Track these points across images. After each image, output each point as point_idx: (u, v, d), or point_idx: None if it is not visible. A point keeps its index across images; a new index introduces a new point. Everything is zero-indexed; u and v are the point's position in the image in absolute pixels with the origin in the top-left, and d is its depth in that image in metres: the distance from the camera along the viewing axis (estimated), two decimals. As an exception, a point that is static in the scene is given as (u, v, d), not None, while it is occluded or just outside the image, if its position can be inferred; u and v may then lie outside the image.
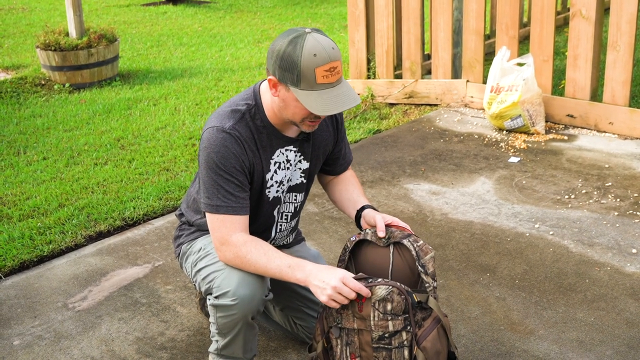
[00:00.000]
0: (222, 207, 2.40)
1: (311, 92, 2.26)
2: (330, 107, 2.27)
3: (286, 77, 2.27)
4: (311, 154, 2.62)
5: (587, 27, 5.04)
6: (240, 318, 2.42)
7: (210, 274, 2.49)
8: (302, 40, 2.23)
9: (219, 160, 2.37)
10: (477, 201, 4.21)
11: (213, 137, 2.39)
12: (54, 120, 5.97)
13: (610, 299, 3.22)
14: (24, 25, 10.28)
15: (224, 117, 2.42)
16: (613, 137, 5.04)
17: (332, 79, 2.26)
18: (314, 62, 2.22)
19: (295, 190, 2.65)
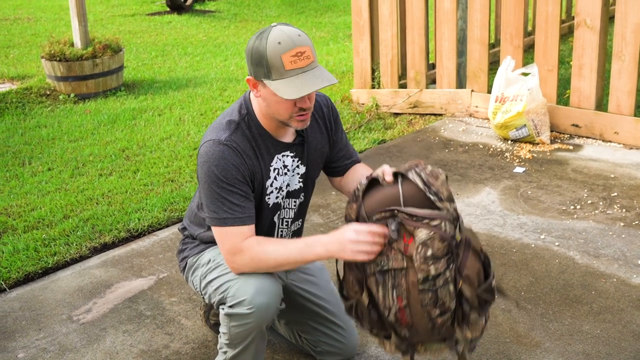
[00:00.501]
0: (229, 219, 2.39)
1: (282, 80, 2.28)
2: (301, 89, 2.27)
3: (259, 72, 2.31)
4: (307, 158, 2.61)
5: (592, 37, 5.03)
6: (255, 327, 2.42)
7: (223, 284, 2.49)
8: (267, 33, 2.29)
9: (220, 173, 2.37)
10: (482, 212, 4.20)
11: (211, 151, 2.39)
12: (59, 130, 5.98)
13: (617, 311, 3.20)
14: (29, 36, 10.31)
15: (220, 130, 2.43)
16: (618, 147, 5.03)
17: (300, 63, 2.28)
18: (279, 49, 2.26)
19: (294, 195, 2.64)
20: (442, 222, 2.22)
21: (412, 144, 5.33)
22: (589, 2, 4.99)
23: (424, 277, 2.22)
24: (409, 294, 2.26)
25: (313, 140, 2.61)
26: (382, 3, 6.01)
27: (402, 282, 2.27)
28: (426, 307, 2.26)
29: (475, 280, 2.27)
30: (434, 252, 2.20)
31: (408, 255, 2.25)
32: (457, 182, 4.61)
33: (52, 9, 12.54)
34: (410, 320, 2.30)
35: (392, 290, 2.29)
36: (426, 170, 2.29)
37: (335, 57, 8.32)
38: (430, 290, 2.23)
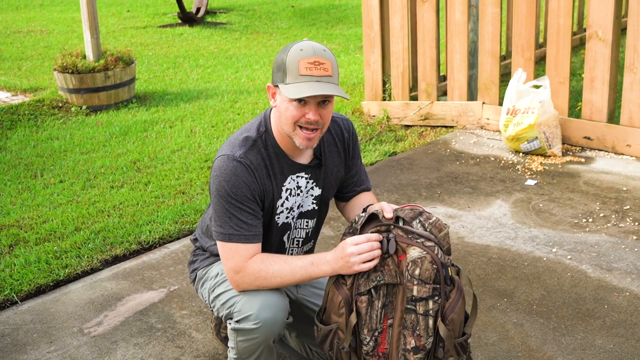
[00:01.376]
0: (234, 236, 2.40)
1: (295, 84, 2.29)
2: (306, 90, 2.27)
3: (277, 77, 2.34)
4: (323, 180, 2.62)
5: (604, 49, 5.02)
6: (262, 342, 2.41)
7: (230, 299, 2.49)
8: (293, 44, 2.33)
9: (231, 189, 2.38)
10: (493, 225, 4.18)
11: (224, 166, 2.40)
12: (71, 142, 6.01)
13: (630, 325, 3.18)
14: (42, 48, 10.37)
15: (236, 145, 2.43)
16: (631, 159, 5.00)
17: (315, 72, 2.29)
18: (299, 55, 2.29)
19: (306, 216, 2.64)
20: (437, 247, 2.24)
21: (423, 156, 5.32)
22: (600, 14, 4.98)
23: (410, 296, 2.24)
24: (396, 312, 2.30)
25: (330, 163, 2.62)
26: (393, 15, 6.02)
27: (393, 299, 2.31)
28: (405, 330, 2.28)
29: (457, 329, 2.29)
30: (421, 272, 2.22)
31: (400, 270, 2.27)
32: (469, 195, 4.60)
33: (65, 22, 12.62)
34: (387, 349, 2.32)
35: (381, 309, 2.32)
36: (430, 220, 2.32)
37: (347, 69, 8.33)
38: (413, 312, 2.25)
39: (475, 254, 3.86)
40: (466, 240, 4.02)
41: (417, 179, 4.89)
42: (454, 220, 4.26)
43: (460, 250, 3.91)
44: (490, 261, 3.78)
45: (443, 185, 4.78)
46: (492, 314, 3.31)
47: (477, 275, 3.65)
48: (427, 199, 4.58)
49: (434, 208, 4.44)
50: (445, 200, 4.55)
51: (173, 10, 13.04)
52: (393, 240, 2.28)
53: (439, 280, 2.24)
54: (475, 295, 2.41)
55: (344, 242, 2.32)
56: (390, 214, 2.34)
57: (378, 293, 2.32)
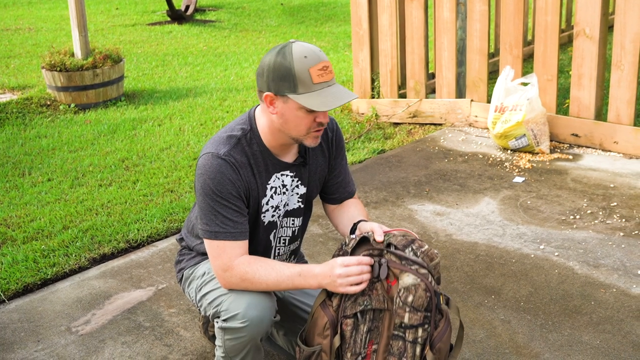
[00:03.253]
0: (220, 234, 2.40)
1: (310, 93, 2.29)
2: (332, 101, 2.30)
3: (282, 86, 2.30)
4: (308, 179, 2.62)
5: (591, 46, 5.04)
6: (249, 340, 2.41)
7: (217, 298, 2.49)
8: (289, 49, 2.30)
9: (215, 187, 2.38)
10: (481, 222, 4.19)
11: (208, 164, 2.39)
12: (59, 141, 5.99)
13: (616, 321, 3.19)
14: (30, 46, 10.33)
15: (220, 143, 2.43)
16: (618, 156, 5.03)
17: (327, 77, 2.31)
18: (307, 63, 2.27)
19: (292, 215, 2.65)
20: (430, 274, 2.26)
21: (412, 154, 5.33)
22: (588, 12, 5.00)
23: (399, 323, 2.25)
24: (382, 338, 2.30)
25: (314, 162, 2.62)
26: (382, 13, 6.02)
27: (379, 325, 2.31)
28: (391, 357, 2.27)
29: (443, 358, 2.29)
30: (414, 300, 2.22)
31: (390, 296, 2.27)
32: (457, 192, 4.61)
33: (53, 20, 12.57)
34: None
35: (366, 334, 2.32)
36: (422, 249, 2.31)
37: (335, 66, 8.33)
38: (401, 339, 2.26)
39: (463, 251, 3.87)
40: (454, 238, 4.03)
41: (405, 177, 4.89)
42: (442, 218, 4.27)
43: (448, 247, 3.92)
44: (478, 258, 3.79)
45: (431, 182, 4.79)
46: (480, 311, 3.32)
47: (465, 273, 3.66)
48: (415, 196, 4.59)
49: (422, 205, 4.45)
50: (434, 197, 4.56)
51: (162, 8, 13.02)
52: (385, 265, 2.29)
53: (431, 309, 2.25)
54: (462, 325, 2.44)
55: (334, 261, 2.31)
56: (381, 237, 2.33)
57: (364, 317, 2.32)
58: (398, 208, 4.43)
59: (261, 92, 2.38)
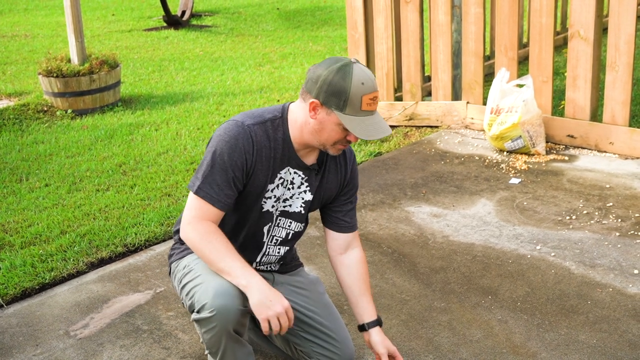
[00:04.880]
0: (202, 191, 2.47)
1: (354, 117, 2.39)
2: (372, 132, 2.41)
3: (332, 101, 2.39)
4: (317, 188, 2.67)
5: (586, 48, 5.06)
6: (221, 330, 2.44)
7: (191, 289, 2.54)
8: (350, 69, 2.38)
9: (225, 151, 2.45)
10: (478, 223, 4.21)
11: (229, 128, 2.48)
12: (56, 146, 6.00)
13: (613, 320, 3.21)
14: (26, 52, 10.34)
15: (248, 116, 2.52)
16: (614, 157, 5.04)
17: (373, 107, 2.42)
18: (362, 89, 2.37)
19: (292, 217, 2.68)
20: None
21: (408, 156, 5.34)
22: (582, 14, 5.02)
23: None
24: None
25: (327, 176, 2.68)
26: (377, 16, 6.04)
27: None
28: None
29: None
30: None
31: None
32: (453, 194, 4.62)
33: (49, 26, 12.59)
34: None
35: None
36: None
37: (332, 70, 8.34)
38: None
39: (460, 253, 3.88)
40: (451, 239, 4.04)
41: (402, 179, 4.91)
42: (439, 219, 4.28)
43: (445, 248, 3.94)
44: (475, 259, 3.80)
45: (428, 184, 4.81)
46: (477, 311, 3.33)
47: (462, 274, 3.67)
48: (412, 198, 4.60)
49: (419, 207, 4.46)
50: (430, 199, 4.58)
51: (158, 14, 13.03)
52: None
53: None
54: None
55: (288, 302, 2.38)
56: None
57: None
58: (395, 210, 4.44)
59: (308, 94, 2.44)
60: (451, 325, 3.24)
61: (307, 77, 2.46)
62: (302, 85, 2.49)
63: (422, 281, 3.62)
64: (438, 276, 3.66)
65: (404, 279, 3.65)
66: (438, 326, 3.24)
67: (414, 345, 3.11)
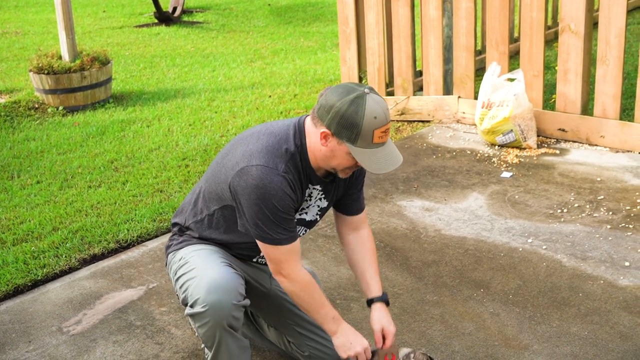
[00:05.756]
0: (284, 239, 2.48)
1: (365, 150, 2.38)
2: (383, 166, 2.42)
3: (343, 133, 2.37)
4: (332, 194, 2.70)
5: (577, 42, 5.07)
6: (215, 325, 2.45)
7: (185, 283, 2.55)
8: (362, 102, 2.35)
9: (278, 203, 2.43)
10: (470, 217, 4.22)
11: (268, 179, 2.42)
12: (47, 143, 5.98)
13: (604, 312, 3.22)
14: (17, 49, 10.30)
15: (276, 156, 2.46)
16: (604, 150, 5.06)
17: (384, 139, 2.41)
18: (374, 124, 2.35)
19: (308, 226, 2.73)
20: None
21: (400, 151, 5.30)
22: (573, 8, 5.03)
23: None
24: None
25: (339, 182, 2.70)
26: (369, 12, 6.04)
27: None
28: None
29: None
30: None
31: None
32: (445, 188, 4.63)
33: (40, 23, 12.54)
34: None
35: None
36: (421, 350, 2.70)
37: (323, 66, 8.35)
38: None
39: (452, 246, 3.90)
40: (443, 233, 4.05)
41: (394, 173, 4.92)
42: (430, 213, 4.29)
43: (437, 242, 3.95)
44: (467, 253, 3.82)
45: (420, 178, 4.82)
46: (469, 305, 3.34)
47: (454, 267, 3.68)
48: (404, 192, 4.61)
49: (411, 201, 4.47)
50: (422, 193, 4.59)
51: (149, 10, 12.99)
52: None
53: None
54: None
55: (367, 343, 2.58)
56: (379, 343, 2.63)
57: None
58: (387, 204, 4.45)
59: (320, 122, 2.41)
60: (443, 318, 3.26)
61: (319, 102, 2.43)
62: (314, 107, 2.46)
63: (415, 275, 3.63)
64: (430, 270, 3.67)
65: (397, 273, 3.66)
66: (430, 319, 3.25)
67: (406, 338, 3.12)
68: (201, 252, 2.63)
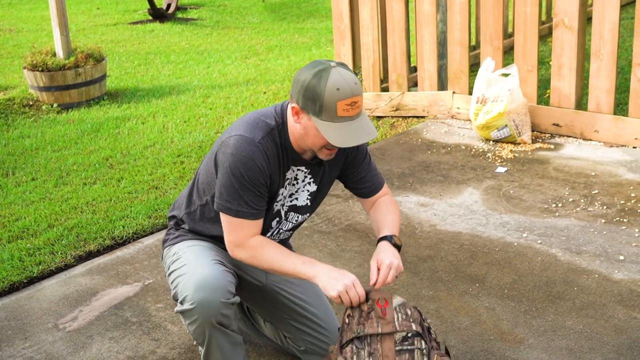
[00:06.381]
0: (242, 212, 2.47)
1: (331, 123, 2.34)
2: (348, 139, 2.36)
3: (309, 106, 2.36)
4: (321, 178, 2.68)
5: (571, 37, 5.08)
6: (204, 323, 2.44)
7: (176, 279, 2.55)
8: (326, 74, 2.32)
9: (246, 172, 2.43)
10: (465, 212, 4.23)
11: (242, 147, 2.44)
12: (42, 140, 5.98)
13: (599, 306, 3.24)
14: (11, 47, 10.28)
15: (255, 128, 2.48)
16: (599, 145, 5.07)
17: (352, 112, 2.35)
18: (337, 95, 2.31)
19: (299, 211, 2.70)
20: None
21: (395, 147, 5.36)
22: (567, 3, 5.04)
23: (404, 336, 2.35)
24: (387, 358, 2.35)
25: (329, 163, 2.67)
26: (363, 7, 6.04)
27: (379, 347, 2.36)
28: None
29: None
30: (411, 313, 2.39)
31: (388, 318, 2.36)
32: (440, 184, 4.64)
33: (34, 20, 12.52)
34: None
35: (368, 357, 2.36)
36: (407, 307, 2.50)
37: (318, 62, 8.34)
38: (408, 351, 2.34)
39: (447, 241, 3.90)
40: (438, 228, 4.06)
41: (389, 169, 4.92)
42: (426, 209, 4.30)
43: (433, 237, 3.96)
44: (462, 247, 3.83)
45: (415, 174, 4.83)
46: (465, 299, 3.35)
47: (450, 262, 3.69)
48: (399, 188, 4.62)
49: (406, 197, 4.48)
50: (418, 189, 4.59)
51: (143, 7, 12.98)
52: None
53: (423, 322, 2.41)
54: None
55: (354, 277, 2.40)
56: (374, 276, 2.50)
57: (362, 343, 2.38)
58: (382, 200, 4.45)
59: (292, 98, 2.43)
60: (439, 313, 3.27)
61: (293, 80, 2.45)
62: None
63: (410, 270, 3.64)
64: (426, 265, 3.68)
65: (392, 268, 3.67)
66: (426, 314, 3.26)
67: (402, 333, 3.13)
68: (194, 248, 2.63)
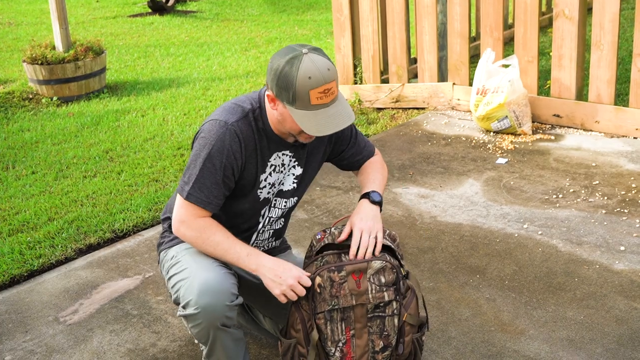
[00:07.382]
0: (192, 196, 2.44)
1: (306, 112, 2.32)
2: (324, 127, 2.33)
3: (282, 95, 2.33)
4: (305, 160, 2.65)
5: (571, 27, 5.07)
6: (208, 326, 2.42)
7: (177, 283, 2.51)
8: (298, 62, 2.29)
9: (213, 154, 2.41)
10: (465, 203, 4.22)
11: (214, 130, 2.43)
12: (42, 134, 5.97)
13: (600, 297, 3.23)
14: (10, 40, 10.27)
15: (229, 113, 2.46)
16: (599, 135, 5.07)
17: (326, 100, 2.32)
18: (309, 84, 2.28)
19: (285, 196, 2.67)
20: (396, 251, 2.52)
21: (395, 138, 5.35)
22: (566, -7, 5.03)
23: (376, 304, 2.41)
24: (357, 323, 2.42)
25: (314, 145, 2.65)
26: (362, -1, 6.03)
27: (351, 314, 2.42)
28: (372, 336, 2.44)
29: (416, 322, 2.49)
30: (386, 280, 2.41)
31: (361, 291, 2.40)
32: (441, 175, 4.64)
33: (33, 13, 12.50)
34: (354, 356, 2.46)
35: (340, 322, 2.43)
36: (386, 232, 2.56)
37: (318, 54, 8.32)
38: (379, 317, 2.42)
39: (448, 233, 3.90)
40: (439, 219, 4.06)
41: (389, 161, 4.92)
42: (426, 200, 4.30)
43: (433, 229, 3.95)
44: (463, 239, 3.82)
45: (415, 166, 4.82)
46: (465, 290, 3.35)
47: (450, 253, 3.69)
48: (399, 179, 4.61)
49: (407, 188, 4.47)
50: (418, 180, 4.59)
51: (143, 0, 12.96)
52: None
53: (398, 281, 2.43)
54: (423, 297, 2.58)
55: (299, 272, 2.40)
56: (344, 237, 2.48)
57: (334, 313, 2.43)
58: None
59: (268, 86, 2.40)
60: (440, 304, 3.26)
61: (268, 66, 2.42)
62: None
63: (411, 261, 3.64)
64: (426, 256, 3.68)
65: (393, 260, 3.66)
66: (427, 305, 3.25)
67: (403, 324, 3.13)
68: (192, 250, 2.59)
